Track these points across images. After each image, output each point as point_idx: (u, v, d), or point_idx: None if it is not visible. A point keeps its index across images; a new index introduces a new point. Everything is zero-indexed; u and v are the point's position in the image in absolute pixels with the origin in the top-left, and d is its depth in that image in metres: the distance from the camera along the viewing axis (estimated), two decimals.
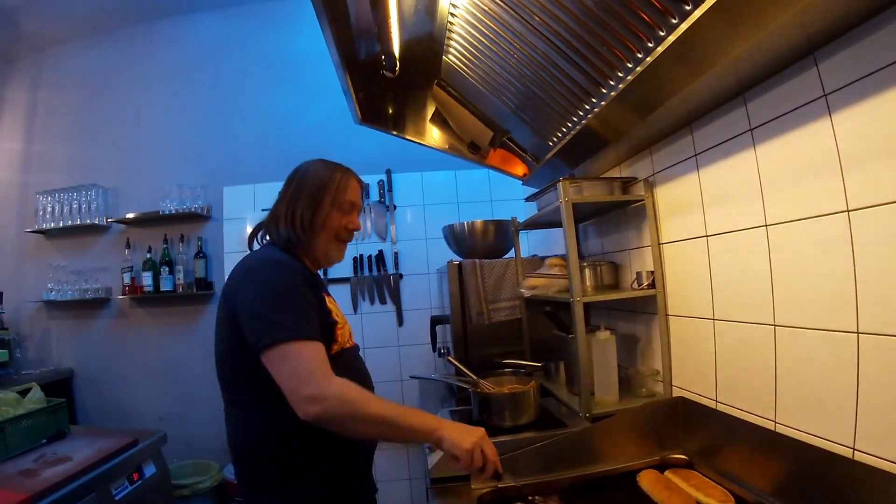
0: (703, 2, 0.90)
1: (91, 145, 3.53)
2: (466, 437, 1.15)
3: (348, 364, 1.33)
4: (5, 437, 1.91)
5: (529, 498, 1.31)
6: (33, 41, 3.57)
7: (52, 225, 3.38)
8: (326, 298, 1.35)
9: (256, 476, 1.25)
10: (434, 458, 1.44)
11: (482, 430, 1.19)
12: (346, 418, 1.10)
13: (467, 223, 2.41)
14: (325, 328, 1.25)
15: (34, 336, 3.49)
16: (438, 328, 2.58)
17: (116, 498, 1.89)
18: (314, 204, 1.35)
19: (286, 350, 1.11)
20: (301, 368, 1.10)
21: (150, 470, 2.14)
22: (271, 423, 1.21)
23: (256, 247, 1.42)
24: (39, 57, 3.64)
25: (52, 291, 3.36)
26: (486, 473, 1.17)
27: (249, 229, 3.38)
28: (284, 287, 1.19)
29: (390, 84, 1.96)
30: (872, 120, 0.90)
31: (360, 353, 1.50)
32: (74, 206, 3.38)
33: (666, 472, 1.35)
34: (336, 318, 1.32)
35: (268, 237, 1.40)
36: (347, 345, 1.37)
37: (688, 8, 0.97)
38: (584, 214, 2.03)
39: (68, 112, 3.57)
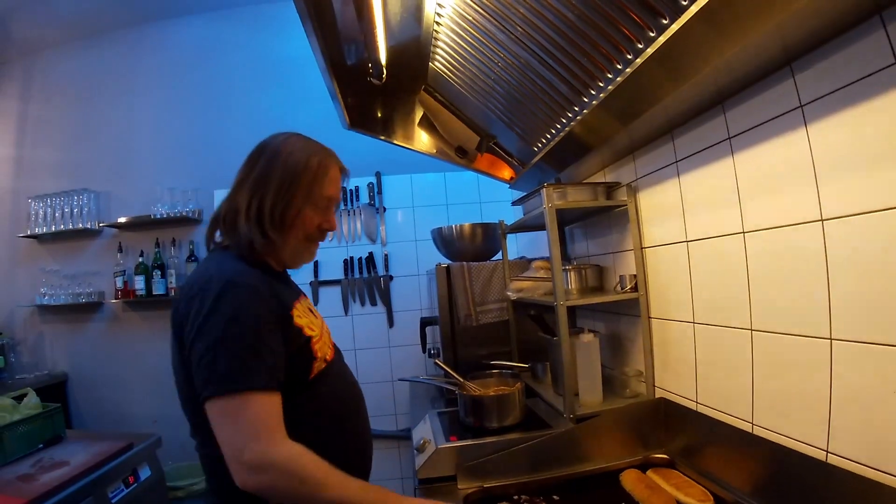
0: (681, 15, 0.93)
1: (82, 150, 3.53)
2: None
3: (334, 381, 1.17)
4: (2, 443, 1.93)
5: (515, 498, 1.34)
6: (23, 46, 3.56)
7: (45, 230, 3.38)
8: (296, 308, 1.12)
9: None
10: (421, 458, 1.47)
11: None
12: (288, 496, 0.91)
13: (455, 226, 2.43)
14: (298, 353, 1.07)
15: (27, 340, 3.50)
16: (428, 329, 2.61)
17: (113, 501, 1.92)
18: (285, 198, 1.11)
19: (227, 405, 0.92)
20: (243, 429, 0.91)
21: (145, 473, 2.17)
22: None
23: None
24: (29, 62, 3.63)
25: (45, 296, 3.37)
26: None
27: None
28: (235, 321, 0.96)
29: (378, 89, 1.98)
30: (846, 131, 0.93)
31: (352, 354, 1.42)
32: (66, 210, 3.38)
33: (648, 472, 1.38)
34: (310, 333, 1.11)
35: (222, 238, 1.18)
36: (329, 356, 1.18)
37: (665, 21, 1.00)
38: (571, 217, 2.05)
39: (59, 117, 3.57)
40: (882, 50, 0.84)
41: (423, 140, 2.30)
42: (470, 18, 1.47)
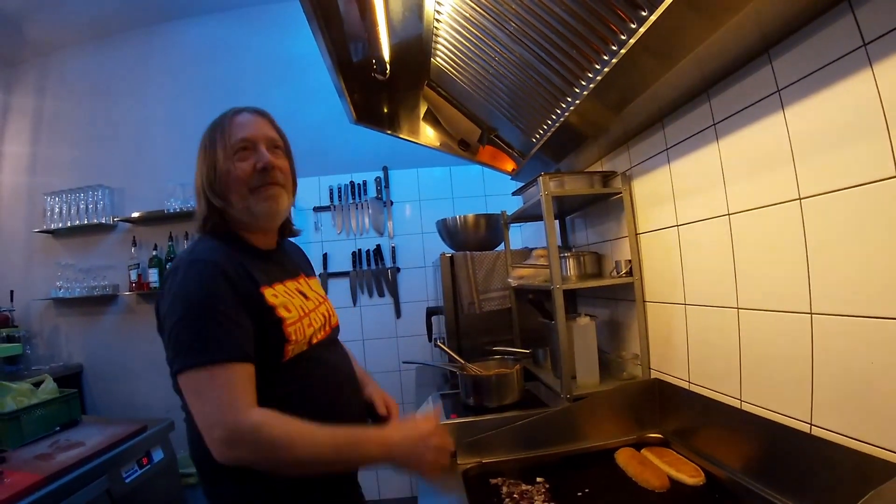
0: (658, 7, 0.98)
1: (96, 147, 3.63)
2: (418, 450, 1.03)
3: (313, 366, 1.14)
4: (20, 425, 2.02)
5: (496, 481, 1.38)
6: (38, 46, 3.66)
7: (60, 225, 3.48)
8: (273, 288, 1.12)
9: (218, 489, 1.10)
10: None
11: (426, 426, 1.07)
12: (268, 463, 0.93)
13: (459, 217, 2.49)
14: (267, 333, 1.05)
15: (43, 333, 3.60)
16: (434, 319, 2.67)
17: (127, 481, 1.98)
18: (209, 163, 1.14)
19: (194, 379, 0.94)
20: (209, 404, 0.92)
21: (158, 455, 2.24)
22: None
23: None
24: (44, 62, 3.73)
25: (60, 289, 3.45)
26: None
27: None
28: (195, 297, 0.98)
29: (383, 85, 2.04)
30: (820, 113, 0.98)
31: (360, 344, 1.37)
32: (81, 206, 3.47)
33: (642, 450, 1.42)
34: (284, 314, 1.09)
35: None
36: (315, 339, 1.16)
37: (644, 13, 1.05)
38: (570, 207, 2.10)
39: (74, 115, 3.67)
40: (850, 33, 0.89)
41: (427, 134, 2.36)
42: (467, 16, 1.53)
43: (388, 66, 1.82)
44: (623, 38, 1.13)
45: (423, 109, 2.30)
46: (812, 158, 1.00)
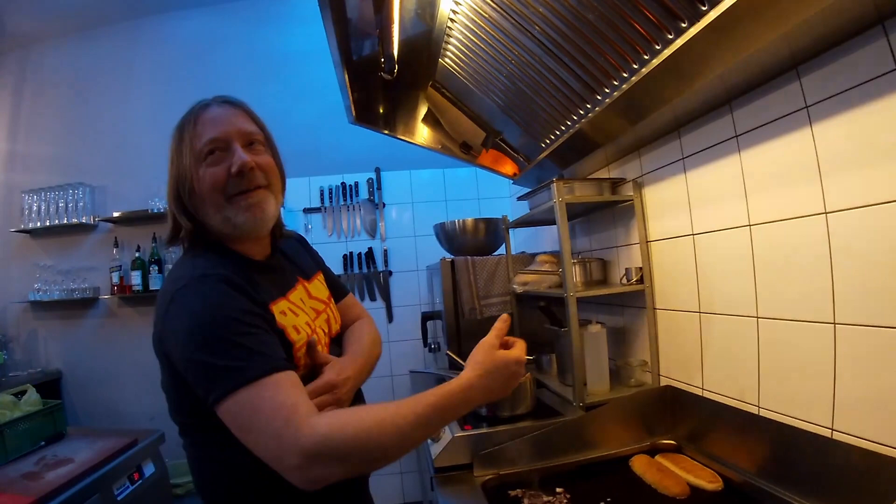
0: (699, 20, 0.98)
1: (78, 143, 3.50)
2: (501, 382, 0.98)
3: None
4: (4, 441, 1.91)
5: (516, 493, 1.37)
6: (17, 38, 3.51)
7: (38, 224, 3.35)
8: (278, 304, 1.02)
9: None
10: (437, 448, 1.50)
11: (501, 356, 1.00)
12: (357, 469, 0.82)
13: (458, 221, 2.47)
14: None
15: (20, 337, 3.46)
16: (429, 324, 2.64)
17: (119, 498, 1.90)
18: (179, 175, 0.99)
19: (241, 401, 0.81)
20: (265, 433, 0.80)
21: (149, 469, 2.15)
22: (235, 461, 0.92)
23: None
24: (24, 54, 3.58)
25: (38, 291, 3.32)
26: None
27: None
28: (214, 317, 0.86)
29: (386, 84, 2.01)
30: (849, 131, 0.99)
31: None
32: (61, 205, 3.35)
33: (657, 457, 1.42)
34: (293, 337, 0.99)
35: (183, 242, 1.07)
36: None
37: (683, 25, 1.04)
38: (573, 213, 2.09)
39: (54, 110, 3.54)
40: (884, 56, 0.91)
41: (425, 135, 2.32)
42: (486, 15, 1.50)
43: (396, 65, 1.79)
44: (658, 47, 1.12)
45: (422, 110, 2.27)
46: (839, 174, 1.02)
